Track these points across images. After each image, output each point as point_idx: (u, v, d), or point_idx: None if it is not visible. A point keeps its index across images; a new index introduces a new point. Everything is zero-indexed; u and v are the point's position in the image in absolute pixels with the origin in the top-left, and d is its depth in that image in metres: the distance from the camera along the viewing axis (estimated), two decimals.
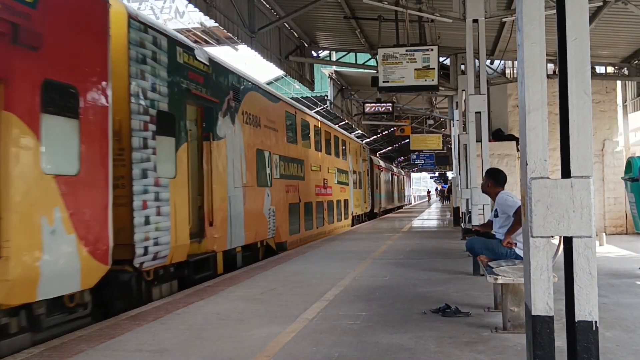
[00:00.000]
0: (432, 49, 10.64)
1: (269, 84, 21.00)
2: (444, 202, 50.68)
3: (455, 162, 17.42)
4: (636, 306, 5.63)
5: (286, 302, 6.17)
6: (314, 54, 15.76)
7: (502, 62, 16.02)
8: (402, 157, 53.89)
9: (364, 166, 24.93)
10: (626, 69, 14.94)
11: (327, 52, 17.45)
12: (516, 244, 5.48)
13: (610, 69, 15.89)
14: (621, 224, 14.62)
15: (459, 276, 7.68)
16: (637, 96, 16.23)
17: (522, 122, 2.74)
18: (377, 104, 18.28)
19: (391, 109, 18.32)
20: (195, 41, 15.03)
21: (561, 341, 2.77)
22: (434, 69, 10.53)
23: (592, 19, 10.60)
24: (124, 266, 6.21)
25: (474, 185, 10.01)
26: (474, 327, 4.86)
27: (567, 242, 2.65)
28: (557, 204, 2.59)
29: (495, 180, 6.15)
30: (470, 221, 10.33)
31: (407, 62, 10.56)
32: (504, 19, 10.89)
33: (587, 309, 2.59)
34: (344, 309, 5.70)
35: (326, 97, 22.43)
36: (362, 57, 16.81)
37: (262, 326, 5.06)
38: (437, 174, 62.24)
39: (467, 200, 11.03)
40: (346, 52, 16.99)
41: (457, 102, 15.20)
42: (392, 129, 29.74)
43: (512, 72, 16.29)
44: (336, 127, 20.07)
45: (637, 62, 14.57)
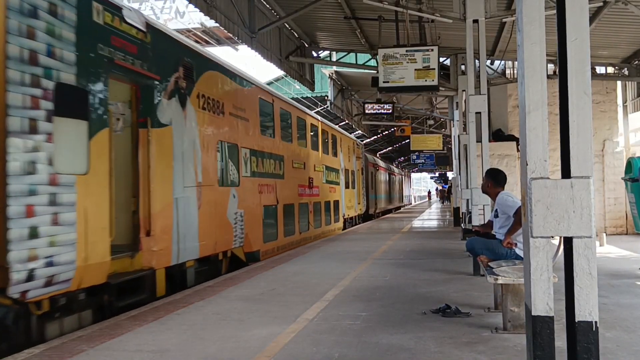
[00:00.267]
0: (432, 49, 10.66)
1: (269, 84, 20.88)
2: (444, 203, 50.70)
3: (455, 162, 17.43)
4: (636, 306, 5.63)
5: (286, 302, 6.17)
6: (314, 54, 15.79)
7: (503, 62, 16.03)
8: (402, 158, 53.97)
9: (357, 164, 23.25)
10: (626, 69, 14.95)
11: (327, 53, 17.46)
12: (516, 244, 5.49)
13: (610, 69, 15.90)
14: (621, 224, 14.63)
15: (459, 276, 7.69)
16: (637, 96, 16.23)
17: (522, 122, 2.75)
18: (378, 104, 18.31)
19: (391, 109, 18.35)
20: (195, 41, 14.97)
21: (561, 341, 2.77)
22: (434, 69, 10.55)
23: (592, 19, 10.61)
24: None
25: (474, 185, 10.03)
26: (474, 328, 4.86)
27: (567, 242, 2.65)
28: (557, 204, 2.60)
29: (495, 180, 6.16)
30: (470, 221, 10.34)
31: (408, 62, 10.58)
32: (504, 19, 10.90)
33: (587, 309, 2.59)
34: (344, 309, 5.70)
35: (326, 98, 22.45)
36: (363, 58, 16.83)
37: (262, 326, 5.06)
38: (437, 174, 62.26)
39: (467, 200, 11.04)
40: (346, 53, 17.00)
41: (457, 103, 15.21)
42: (393, 129, 29.79)
43: (512, 72, 16.30)
44: (326, 120, 18.31)
45: (637, 62, 14.58)
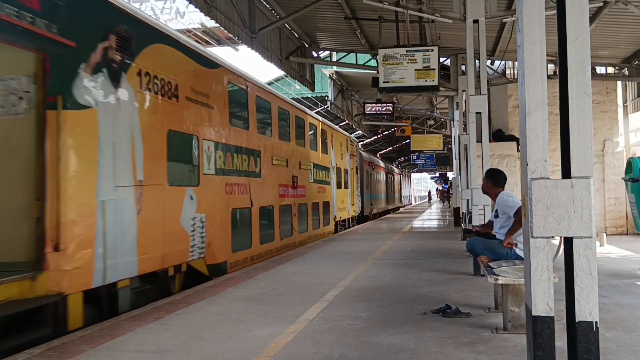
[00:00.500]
0: (432, 50, 10.66)
1: (269, 84, 20.81)
2: (445, 203, 50.70)
3: (455, 162, 17.43)
4: (637, 306, 5.62)
5: (286, 302, 6.17)
6: (315, 55, 15.79)
7: (503, 62, 16.04)
8: (402, 158, 54.02)
9: (351, 163, 21.70)
10: (626, 69, 14.95)
11: (327, 53, 17.46)
12: (516, 245, 5.49)
13: (610, 70, 15.90)
14: (621, 224, 14.64)
15: (460, 277, 7.69)
16: (637, 97, 16.23)
17: (522, 122, 2.75)
18: (378, 105, 18.31)
19: (392, 110, 18.34)
20: (196, 41, 14.96)
21: (562, 342, 2.77)
22: (435, 69, 10.55)
23: (592, 19, 10.61)
24: None
25: (474, 185, 10.03)
26: (474, 328, 4.86)
27: (568, 242, 2.65)
28: (557, 205, 2.60)
29: (495, 180, 6.16)
30: (470, 222, 10.34)
31: (408, 62, 10.58)
32: (505, 20, 10.90)
33: (587, 310, 2.59)
34: (345, 310, 5.70)
35: (327, 98, 22.45)
36: (363, 58, 16.83)
37: (262, 326, 5.06)
38: (437, 175, 62.26)
39: (468, 200, 11.04)
40: (347, 53, 17.00)
41: (457, 103, 15.21)
42: (393, 130, 29.80)
43: (512, 72, 16.31)
44: (314, 114, 16.68)
45: (637, 62, 14.58)
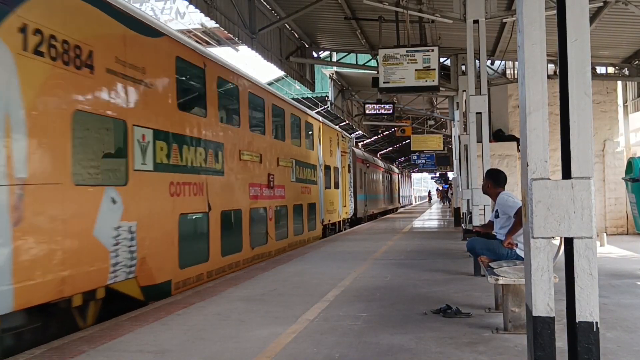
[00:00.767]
0: (432, 50, 10.66)
1: (269, 84, 20.81)
2: (445, 203, 50.69)
3: (455, 162, 17.43)
4: (637, 307, 5.62)
5: (287, 302, 6.17)
6: (315, 55, 15.79)
7: (503, 62, 16.04)
8: (402, 158, 54.05)
9: (343, 160, 19.91)
10: (627, 69, 14.95)
11: (327, 53, 17.47)
12: (517, 245, 5.49)
13: (610, 69, 15.90)
14: (622, 224, 14.63)
15: (460, 277, 7.68)
16: (637, 96, 16.22)
17: (522, 123, 2.75)
18: (378, 105, 18.32)
19: (392, 110, 18.35)
20: (196, 42, 14.98)
21: (562, 342, 2.77)
22: (435, 69, 10.55)
23: (592, 19, 10.61)
24: None
25: (474, 185, 10.03)
26: (474, 328, 4.86)
27: (568, 243, 2.66)
28: (557, 205, 2.60)
29: (495, 181, 6.16)
30: (471, 222, 10.34)
31: (408, 62, 10.58)
32: (505, 20, 10.90)
33: (587, 310, 2.59)
34: (345, 310, 5.70)
35: (327, 98, 22.45)
36: (363, 58, 16.83)
37: (263, 327, 5.06)
38: (437, 175, 62.25)
39: (468, 200, 11.04)
40: (347, 53, 17.01)
41: (457, 103, 15.21)
42: (393, 130, 29.80)
43: (512, 72, 16.31)
44: (297, 104, 14.94)
45: (637, 62, 14.58)
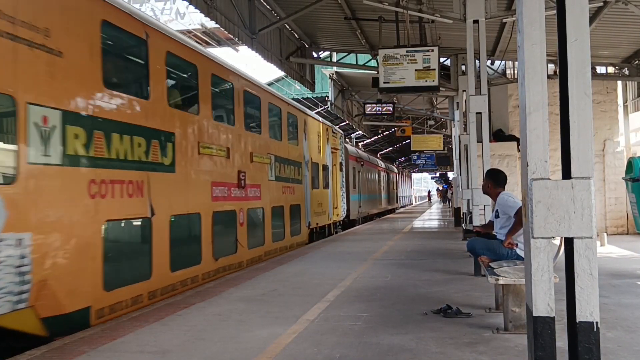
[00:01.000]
0: (432, 50, 10.65)
1: (270, 84, 20.78)
2: (445, 203, 50.67)
3: (456, 162, 17.43)
4: (637, 306, 5.62)
5: (287, 303, 6.17)
6: (315, 55, 15.79)
7: (503, 62, 16.03)
8: (403, 158, 54.07)
9: (334, 158, 18.30)
10: (627, 69, 14.95)
11: (327, 53, 17.46)
12: (517, 245, 5.49)
13: (610, 69, 15.90)
14: (622, 224, 14.63)
15: (460, 277, 7.68)
16: (637, 96, 16.22)
17: (522, 123, 2.75)
18: (378, 105, 18.31)
19: (392, 110, 18.34)
20: (196, 42, 14.96)
21: (562, 342, 2.77)
22: (435, 69, 10.54)
23: (592, 19, 10.60)
24: None
25: (474, 185, 10.03)
26: (475, 328, 4.86)
27: (568, 243, 2.66)
28: (557, 205, 2.60)
29: (495, 181, 6.16)
30: (471, 222, 10.34)
31: (408, 62, 10.58)
32: (505, 20, 10.89)
33: (588, 310, 2.59)
34: (345, 310, 5.70)
35: (327, 98, 22.45)
36: (363, 58, 16.83)
37: (263, 327, 5.06)
38: (437, 175, 62.26)
39: (468, 200, 11.04)
40: (347, 53, 17.01)
41: (457, 103, 15.21)
42: (393, 130, 29.78)
43: (512, 72, 16.31)
44: (277, 93, 13.39)
45: (637, 62, 14.57)
